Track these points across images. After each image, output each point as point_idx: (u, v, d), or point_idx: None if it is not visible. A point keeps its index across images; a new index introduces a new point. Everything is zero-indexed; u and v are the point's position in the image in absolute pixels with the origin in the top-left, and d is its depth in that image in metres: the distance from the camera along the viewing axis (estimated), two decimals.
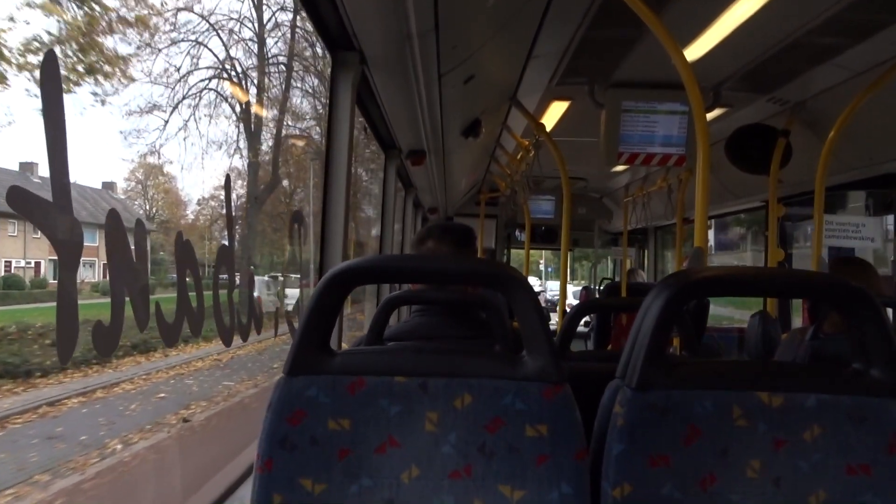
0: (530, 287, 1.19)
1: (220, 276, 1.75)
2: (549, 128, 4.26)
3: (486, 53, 2.65)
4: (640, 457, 1.15)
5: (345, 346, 2.51)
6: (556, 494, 1.14)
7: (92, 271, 3.63)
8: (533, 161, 4.82)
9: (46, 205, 1.04)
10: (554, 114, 4.32)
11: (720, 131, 3.91)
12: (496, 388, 1.16)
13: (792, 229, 5.41)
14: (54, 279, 2.95)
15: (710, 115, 3.44)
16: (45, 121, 1.06)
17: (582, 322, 2.69)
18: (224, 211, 1.91)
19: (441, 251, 1.86)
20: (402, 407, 1.16)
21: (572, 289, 11.97)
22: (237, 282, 1.82)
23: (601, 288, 8.69)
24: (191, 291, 1.54)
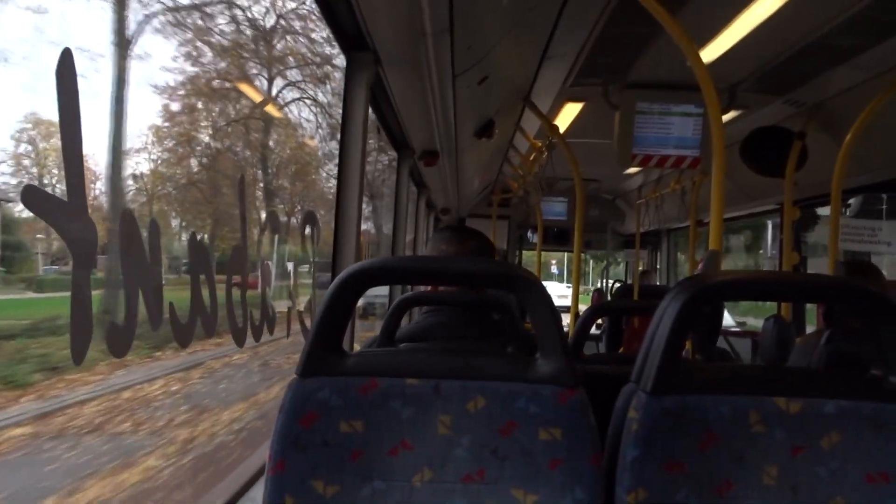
0: (544, 288, 1.18)
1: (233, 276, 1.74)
2: (562, 129, 4.25)
3: (501, 54, 2.64)
4: (656, 462, 1.14)
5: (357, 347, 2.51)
6: (569, 499, 1.13)
7: None
8: (546, 162, 4.81)
9: (61, 204, 1.04)
10: (568, 115, 4.30)
11: (735, 133, 3.88)
12: (510, 390, 1.15)
13: (806, 233, 5.36)
14: None
15: (725, 117, 3.42)
16: (60, 121, 1.06)
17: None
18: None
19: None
20: (415, 409, 1.15)
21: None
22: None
23: (612, 290, 8.65)
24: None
